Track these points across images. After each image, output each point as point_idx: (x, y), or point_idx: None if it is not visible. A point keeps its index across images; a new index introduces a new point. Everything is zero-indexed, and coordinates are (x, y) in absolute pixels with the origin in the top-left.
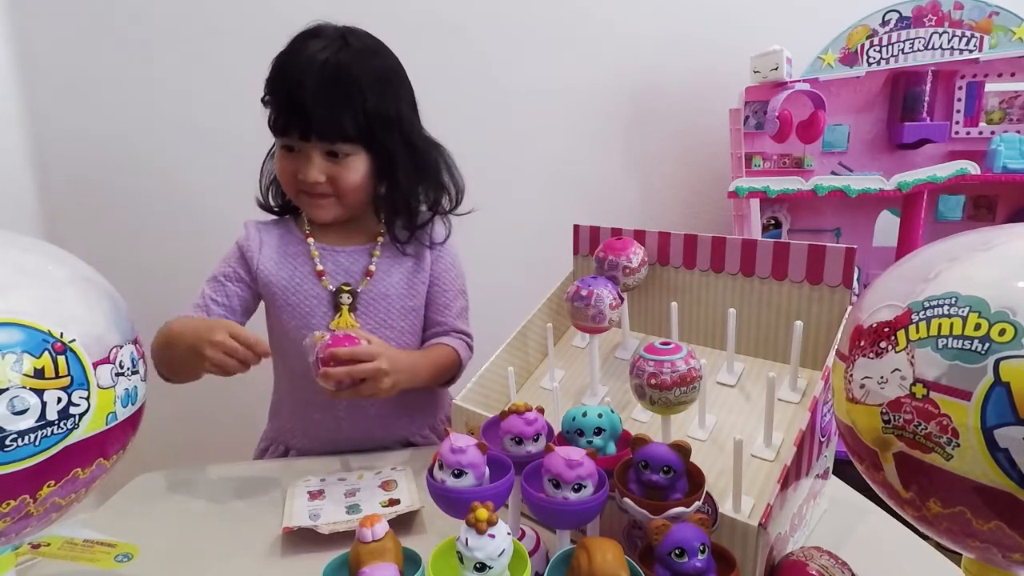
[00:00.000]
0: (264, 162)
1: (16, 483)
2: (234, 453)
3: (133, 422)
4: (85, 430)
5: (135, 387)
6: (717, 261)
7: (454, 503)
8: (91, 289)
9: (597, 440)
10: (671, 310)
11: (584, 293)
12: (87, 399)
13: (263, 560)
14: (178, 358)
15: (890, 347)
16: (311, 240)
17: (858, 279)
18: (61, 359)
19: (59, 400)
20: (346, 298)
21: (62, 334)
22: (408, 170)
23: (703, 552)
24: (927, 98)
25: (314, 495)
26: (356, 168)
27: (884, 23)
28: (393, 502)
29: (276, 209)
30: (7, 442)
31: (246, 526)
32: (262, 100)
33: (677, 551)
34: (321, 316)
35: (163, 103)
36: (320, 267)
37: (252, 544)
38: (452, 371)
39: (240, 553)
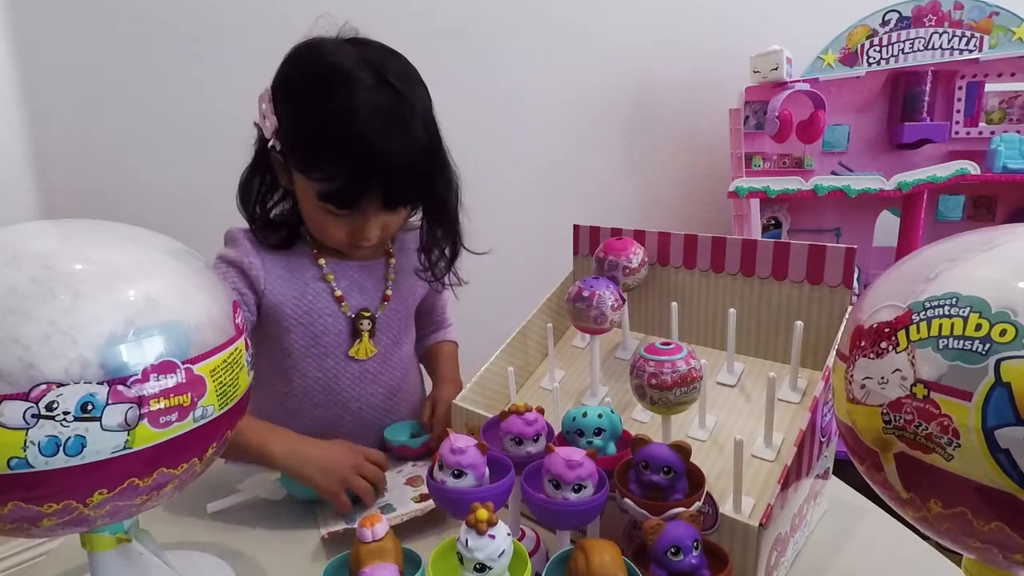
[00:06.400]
0: (246, 183)
1: None
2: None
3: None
4: None
5: (77, 436)
6: (717, 261)
7: (454, 503)
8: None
9: (597, 440)
10: (671, 310)
11: (586, 294)
12: None
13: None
14: (276, 467)
15: (891, 347)
16: (322, 262)
17: (858, 279)
18: None
19: None
20: (366, 324)
21: None
22: (453, 208)
23: (696, 548)
24: (927, 98)
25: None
26: (405, 212)
27: (884, 23)
28: (424, 497)
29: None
30: None
31: (281, 534)
32: (306, 163)
33: (673, 549)
34: (334, 336)
35: (163, 104)
36: (339, 292)
37: (291, 553)
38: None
39: (280, 561)
